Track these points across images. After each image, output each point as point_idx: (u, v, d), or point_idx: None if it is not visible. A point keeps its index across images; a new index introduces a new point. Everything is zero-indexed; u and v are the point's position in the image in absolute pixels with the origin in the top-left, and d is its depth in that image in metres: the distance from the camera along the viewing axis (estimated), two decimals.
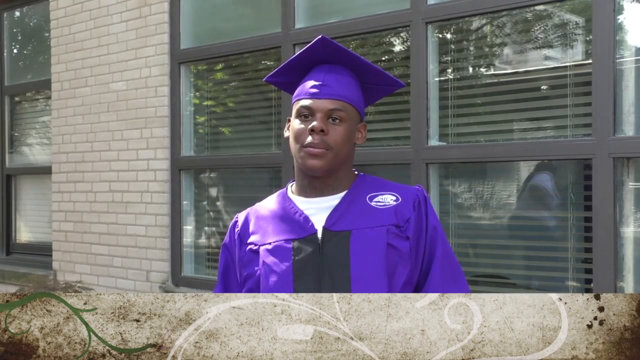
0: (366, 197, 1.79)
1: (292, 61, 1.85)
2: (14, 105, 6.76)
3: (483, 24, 3.83)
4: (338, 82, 1.77)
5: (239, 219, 1.95)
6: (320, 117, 1.74)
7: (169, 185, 4.99)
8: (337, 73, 1.79)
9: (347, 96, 1.76)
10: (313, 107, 1.75)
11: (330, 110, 1.74)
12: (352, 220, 1.74)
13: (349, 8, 4.26)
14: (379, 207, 1.77)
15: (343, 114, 1.74)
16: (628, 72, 3.22)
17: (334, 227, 1.74)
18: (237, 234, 1.92)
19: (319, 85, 1.76)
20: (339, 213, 1.76)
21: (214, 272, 4.98)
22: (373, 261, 1.70)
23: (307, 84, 1.80)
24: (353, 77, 1.82)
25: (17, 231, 6.71)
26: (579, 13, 3.46)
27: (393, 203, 1.77)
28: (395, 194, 1.80)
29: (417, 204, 1.78)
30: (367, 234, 1.72)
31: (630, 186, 3.19)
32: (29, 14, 6.73)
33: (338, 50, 1.80)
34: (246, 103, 4.98)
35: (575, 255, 3.36)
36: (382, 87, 1.88)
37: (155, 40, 5.00)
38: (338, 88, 1.76)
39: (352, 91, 1.79)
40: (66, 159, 5.66)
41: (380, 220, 1.74)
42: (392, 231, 1.73)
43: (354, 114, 1.79)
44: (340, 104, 1.75)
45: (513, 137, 3.62)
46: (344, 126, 1.75)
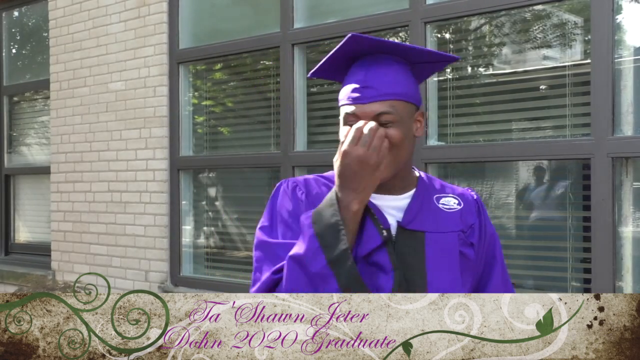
0: (433, 198, 1.67)
1: (328, 60, 1.67)
2: (12, 105, 6.76)
3: (482, 24, 3.83)
4: (382, 77, 1.57)
5: (299, 182, 1.69)
6: None
7: (167, 185, 4.99)
8: (379, 65, 1.59)
9: (395, 92, 1.57)
10: (358, 114, 1.56)
11: (378, 115, 1.54)
12: (425, 221, 1.62)
13: (348, 8, 4.26)
14: (445, 210, 1.66)
15: (393, 116, 1.55)
16: (627, 71, 3.22)
17: (409, 226, 1.60)
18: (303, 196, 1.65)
19: (361, 88, 1.57)
20: (414, 212, 1.62)
21: (212, 271, 4.98)
22: (448, 269, 1.59)
23: (348, 85, 1.61)
24: (398, 63, 1.61)
25: (15, 231, 6.71)
26: (578, 13, 3.47)
27: (457, 207, 1.67)
28: (457, 198, 1.70)
29: (477, 209, 1.71)
30: (440, 238, 1.61)
31: (629, 186, 3.20)
32: (27, 14, 6.72)
33: (375, 43, 1.60)
34: (245, 103, 4.98)
35: (574, 255, 3.37)
36: (433, 64, 1.71)
37: (154, 40, 5.00)
38: (382, 86, 1.56)
39: (400, 83, 1.58)
40: (65, 159, 5.66)
41: (450, 225, 1.64)
42: (460, 237, 1.64)
43: (406, 109, 1.59)
44: (388, 104, 1.55)
45: (512, 137, 3.62)
46: (397, 127, 1.56)
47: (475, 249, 1.66)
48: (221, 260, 4.98)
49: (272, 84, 4.60)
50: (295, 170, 4.33)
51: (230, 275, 4.84)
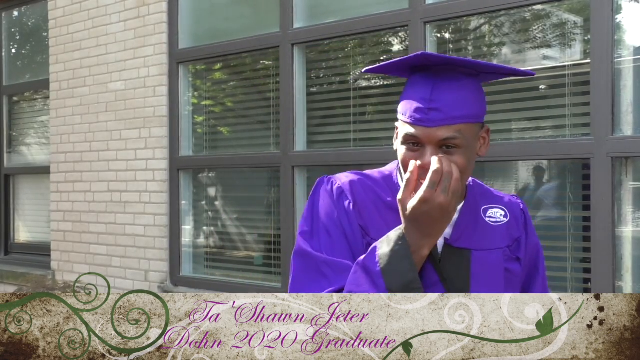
0: (480, 211, 1.59)
1: (391, 68, 1.54)
2: (12, 105, 6.76)
3: (481, 24, 3.83)
4: (449, 96, 1.43)
5: (345, 188, 1.56)
6: (432, 150, 1.43)
7: (167, 185, 4.99)
8: (446, 81, 1.45)
9: (462, 115, 1.43)
10: (420, 137, 1.43)
11: (443, 140, 1.42)
12: (471, 237, 1.54)
13: (347, 8, 4.26)
14: (492, 223, 1.58)
15: (459, 141, 1.43)
16: (626, 71, 3.22)
17: (456, 244, 1.53)
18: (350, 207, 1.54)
19: (426, 109, 1.42)
20: (461, 228, 1.54)
21: (212, 271, 4.98)
22: (492, 285, 1.52)
23: (413, 101, 1.46)
24: (466, 77, 1.47)
25: (15, 231, 6.71)
26: (578, 13, 3.47)
27: (504, 220, 1.60)
28: (504, 209, 1.62)
29: (523, 221, 1.64)
30: (486, 257, 1.54)
31: (629, 186, 3.20)
32: (27, 13, 6.72)
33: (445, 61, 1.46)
34: (245, 103, 4.98)
35: (574, 255, 3.37)
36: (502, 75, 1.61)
37: (153, 40, 5.00)
38: (450, 108, 1.42)
39: (468, 102, 1.45)
40: (64, 159, 5.66)
41: (497, 241, 1.57)
42: (506, 253, 1.57)
43: (473, 130, 1.47)
44: (455, 128, 1.42)
45: (512, 137, 3.62)
46: (463, 151, 1.44)
47: (522, 263, 1.60)
48: (221, 260, 4.98)
49: (271, 84, 4.60)
50: (295, 170, 4.33)
51: (230, 275, 4.84)
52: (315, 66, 4.47)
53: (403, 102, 1.49)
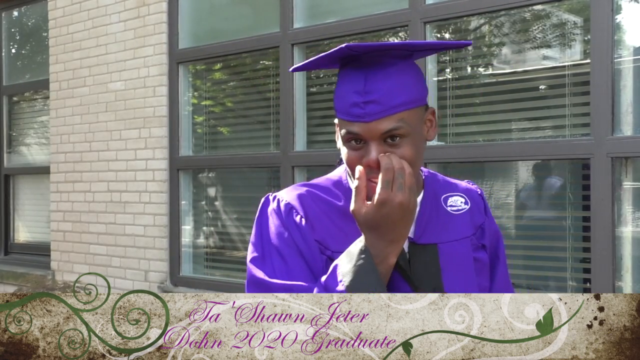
0: (441, 200, 1.51)
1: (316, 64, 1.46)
2: (12, 105, 6.76)
3: (481, 24, 3.83)
4: (384, 85, 1.32)
5: (293, 203, 1.44)
6: (375, 145, 1.33)
7: (167, 185, 4.99)
8: (380, 68, 1.34)
9: (403, 102, 1.33)
10: (362, 134, 1.33)
11: (386, 133, 1.32)
12: (436, 230, 1.46)
13: (347, 8, 4.26)
14: (454, 212, 1.50)
15: (404, 130, 1.32)
16: (626, 71, 3.22)
17: (421, 240, 1.44)
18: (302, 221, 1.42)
19: (362, 103, 1.32)
20: (424, 222, 1.45)
21: (212, 271, 4.98)
22: (465, 280, 1.45)
23: (347, 96, 1.35)
24: (401, 60, 1.36)
25: (15, 231, 6.71)
26: (577, 13, 3.47)
27: (465, 207, 1.52)
28: (464, 196, 1.54)
29: (483, 207, 1.57)
30: (454, 248, 1.46)
31: (629, 186, 3.20)
32: (27, 13, 6.72)
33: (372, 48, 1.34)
34: (244, 103, 4.98)
35: (574, 255, 3.37)
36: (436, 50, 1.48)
37: (153, 40, 5.00)
38: (388, 97, 1.32)
39: (407, 86, 1.34)
40: (64, 159, 5.66)
41: (461, 230, 1.49)
42: (473, 242, 1.50)
43: (417, 115, 1.36)
44: (397, 118, 1.32)
45: (511, 137, 3.62)
46: (409, 140, 1.34)
47: (487, 250, 1.54)
48: (221, 260, 4.98)
49: (271, 84, 4.60)
50: (295, 170, 4.33)
51: (230, 275, 4.84)
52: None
53: (337, 98, 1.38)
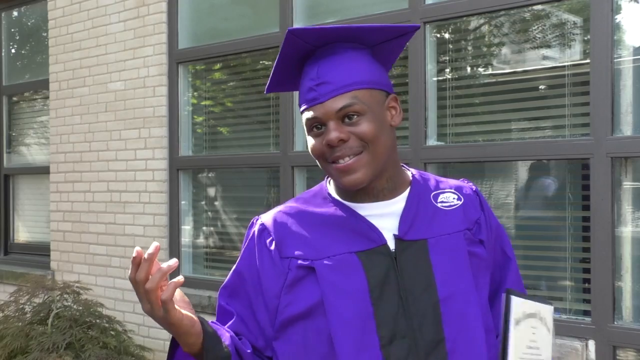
0: (430, 197, 1.48)
1: (277, 68, 1.47)
2: (12, 105, 6.75)
3: (481, 24, 3.83)
4: (336, 68, 1.38)
5: (267, 224, 1.47)
6: (332, 125, 1.36)
7: (167, 185, 4.99)
8: (331, 56, 1.39)
9: (354, 82, 1.37)
10: (319, 116, 1.37)
11: (340, 111, 1.36)
12: (424, 226, 1.43)
13: (347, 7, 4.25)
14: (445, 208, 1.47)
15: (358, 107, 1.36)
16: (626, 71, 3.22)
17: (408, 236, 1.41)
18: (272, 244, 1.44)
19: (315, 86, 1.38)
20: (410, 218, 1.43)
21: (212, 271, 4.98)
22: (459, 275, 1.41)
23: (303, 87, 1.42)
24: (354, 49, 1.41)
25: (15, 231, 6.70)
26: (577, 13, 3.47)
27: (458, 202, 1.49)
28: (456, 192, 1.51)
29: (479, 202, 1.54)
30: (445, 242, 1.42)
31: (628, 186, 3.19)
32: (27, 13, 6.72)
33: (318, 33, 1.39)
34: (244, 103, 4.98)
35: (573, 255, 3.37)
36: (393, 40, 1.47)
37: (153, 40, 5.00)
38: (339, 78, 1.37)
39: (359, 70, 1.39)
40: (64, 159, 5.65)
41: (454, 225, 1.45)
42: (467, 236, 1.46)
43: (374, 96, 1.39)
44: (350, 95, 1.36)
45: (511, 137, 3.62)
46: (367, 117, 1.36)
47: (485, 246, 1.49)
48: (220, 260, 4.98)
49: None
50: (295, 170, 4.33)
51: None
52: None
53: (298, 95, 1.45)
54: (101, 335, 4.37)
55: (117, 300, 5.17)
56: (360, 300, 1.35)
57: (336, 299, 1.35)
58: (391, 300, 1.35)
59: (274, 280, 1.42)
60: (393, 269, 1.38)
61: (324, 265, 1.37)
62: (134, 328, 4.95)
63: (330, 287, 1.35)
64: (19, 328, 4.33)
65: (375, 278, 1.36)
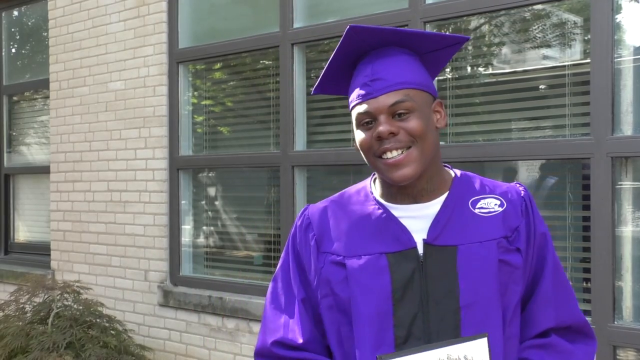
0: (468, 203, 1.49)
1: (331, 66, 1.53)
2: (12, 104, 6.75)
3: (481, 23, 3.83)
4: (390, 68, 1.44)
5: (312, 217, 1.57)
6: (383, 118, 1.41)
7: (167, 184, 4.99)
8: (386, 57, 1.46)
9: (407, 81, 1.43)
10: (371, 111, 1.42)
11: (393, 106, 1.41)
12: (456, 232, 1.45)
13: (347, 7, 4.25)
14: (483, 214, 1.47)
15: (409, 104, 1.42)
16: (626, 71, 3.22)
17: (437, 242, 1.44)
18: (314, 238, 1.55)
19: (369, 82, 1.43)
20: (441, 224, 1.45)
21: (212, 271, 4.98)
22: (484, 284, 1.41)
23: (356, 84, 1.47)
24: (406, 53, 1.48)
25: (15, 231, 6.70)
26: (577, 12, 3.46)
27: (499, 209, 1.49)
28: (500, 198, 1.51)
29: (524, 208, 1.52)
30: (475, 250, 1.43)
31: (628, 185, 3.19)
32: (27, 13, 6.72)
33: (376, 33, 1.46)
34: (244, 102, 4.98)
35: (574, 255, 3.37)
36: (444, 49, 1.53)
37: (153, 40, 4.99)
38: (393, 75, 1.43)
39: (411, 71, 1.45)
40: (64, 159, 5.65)
41: (488, 232, 1.45)
42: (502, 244, 1.45)
43: (423, 97, 1.45)
44: (402, 93, 1.42)
45: (511, 137, 3.62)
46: (416, 115, 1.42)
47: (523, 254, 1.48)
48: (221, 260, 4.98)
49: (271, 83, 4.59)
50: (295, 170, 4.33)
51: (230, 275, 4.83)
52: (315, 66, 4.46)
53: (350, 93, 1.51)
54: (101, 334, 4.37)
55: (118, 299, 5.18)
56: (383, 299, 1.41)
57: (360, 296, 1.42)
58: (412, 302, 1.40)
59: (314, 273, 1.52)
60: (418, 273, 1.42)
61: (354, 263, 1.45)
62: (134, 327, 4.95)
63: (357, 284, 1.43)
64: (19, 327, 4.33)
65: (399, 280, 1.42)
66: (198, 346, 4.67)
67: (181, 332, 4.78)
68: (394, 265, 1.42)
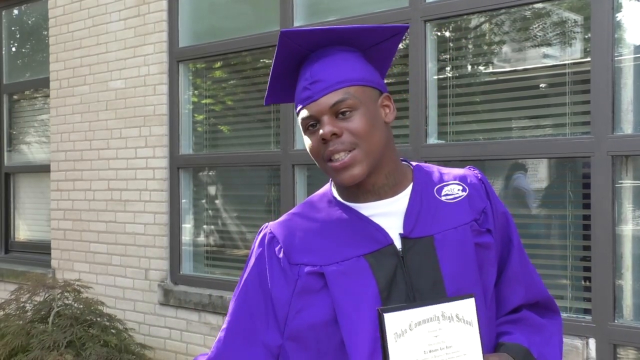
0: (434, 191, 1.48)
1: (274, 75, 1.51)
2: (12, 103, 6.75)
3: (482, 22, 3.83)
4: (328, 68, 1.42)
5: (275, 231, 1.49)
6: (326, 119, 1.39)
7: (167, 183, 4.99)
8: (324, 58, 1.43)
9: (346, 79, 1.40)
10: (313, 114, 1.40)
11: (334, 106, 1.38)
12: (430, 222, 1.44)
13: (347, 6, 4.25)
14: (450, 201, 1.47)
15: (351, 102, 1.39)
16: (627, 70, 3.22)
17: (413, 234, 1.42)
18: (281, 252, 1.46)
19: (309, 85, 1.41)
20: (414, 215, 1.44)
21: (212, 270, 4.98)
22: (466, 268, 1.42)
23: (298, 90, 1.46)
24: (346, 51, 1.45)
25: (15, 229, 6.70)
26: (578, 11, 3.46)
27: (463, 194, 1.48)
28: (460, 183, 1.50)
29: (484, 190, 1.52)
30: (451, 236, 1.43)
31: (629, 184, 3.19)
32: (27, 12, 6.72)
33: (309, 34, 1.43)
34: (245, 101, 4.98)
35: (574, 253, 3.37)
36: (385, 42, 1.50)
37: (153, 39, 4.99)
38: (331, 75, 1.40)
39: (351, 68, 1.43)
40: (65, 158, 5.65)
41: (459, 218, 1.45)
42: (474, 228, 1.46)
43: (367, 93, 1.42)
44: (343, 92, 1.39)
45: (512, 135, 3.62)
46: (360, 112, 1.39)
47: (493, 234, 1.49)
48: (221, 259, 4.98)
49: None
50: (295, 169, 4.33)
51: (230, 274, 4.83)
52: None
53: (295, 99, 1.49)
54: (102, 333, 4.37)
55: (118, 298, 5.18)
56: (371, 304, 1.36)
57: (347, 304, 1.37)
58: (399, 298, 1.37)
59: (284, 288, 1.43)
60: (401, 268, 1.40)
61: (333, 270, 1.39)
62: (134, 326, 4.96)
63: (341, 292, 1.38)
64: (20, 326, 4.33)
65: (384, 280, 1.38)
66: (198, 345, 4.67)
67: (182, 330, 4.79)
68: (375, 265, 1.39)
